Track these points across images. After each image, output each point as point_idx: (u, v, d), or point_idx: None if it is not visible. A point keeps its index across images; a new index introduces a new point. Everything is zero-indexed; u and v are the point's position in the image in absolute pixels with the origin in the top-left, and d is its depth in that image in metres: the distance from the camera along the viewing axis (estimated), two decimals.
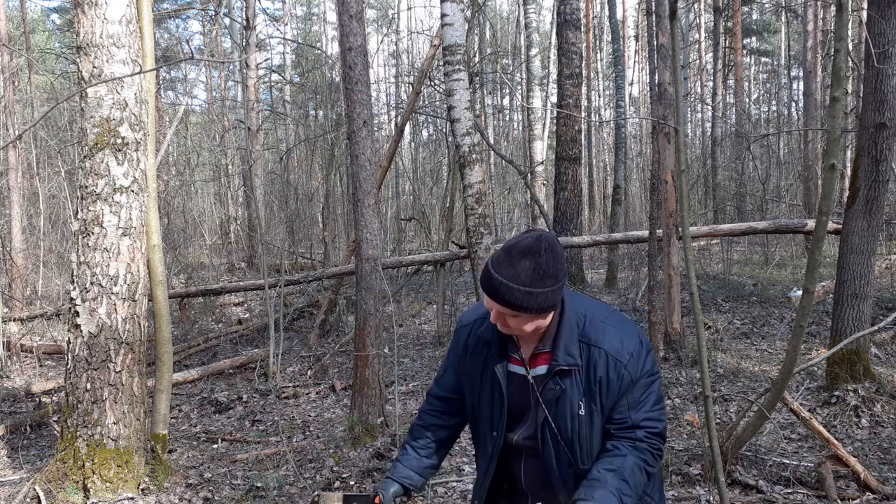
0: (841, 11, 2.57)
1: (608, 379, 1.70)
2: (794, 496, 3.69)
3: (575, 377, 1.71)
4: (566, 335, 1.72)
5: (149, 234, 4.30)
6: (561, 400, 1.72)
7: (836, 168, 2.73)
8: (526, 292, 1.60)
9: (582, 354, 1.71)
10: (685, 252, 2.79)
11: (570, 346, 1.71)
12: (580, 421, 1.71)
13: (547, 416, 1.73)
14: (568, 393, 1.71)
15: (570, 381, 1.71)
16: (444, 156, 16.49)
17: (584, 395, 1.71)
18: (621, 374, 1.70)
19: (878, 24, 4.70)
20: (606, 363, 1.70)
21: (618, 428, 1.72)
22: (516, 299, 1.61)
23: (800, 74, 22.54)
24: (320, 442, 5.04)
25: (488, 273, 1.65)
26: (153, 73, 4.64)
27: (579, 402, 1.71)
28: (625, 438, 1.72)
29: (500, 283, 1.62)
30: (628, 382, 1.70)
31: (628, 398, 1.71)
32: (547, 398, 1.73)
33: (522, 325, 1.67)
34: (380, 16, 30.64)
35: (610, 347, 1.70)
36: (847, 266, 4.87)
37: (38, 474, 4.15)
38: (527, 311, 1.63)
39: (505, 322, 1.68)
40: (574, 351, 1.71)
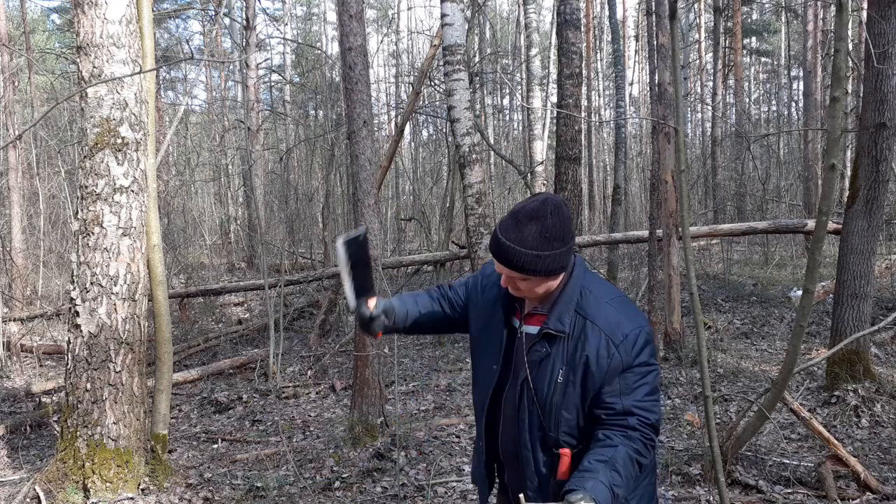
0: (841, 11, 2.57)
1: (597, 356, 1.69)
2: (794, 496, 3.69)
3: (562, 344, 1.72)
4: (563, 302, 1.74)
5: (149, 234, 4.30)
6: (544, 363, 1.73)
7: (836, 168, 2.73)
8: (534, 255, 1.64)
9: (575, 325, 1.72)
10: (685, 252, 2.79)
11: (564, 313, 1.73)
12: (555, 387, 1.72)
13: (528, 376, 1.75)
14: (552, 357, 1.73)
15: (556, 348, 1.72)
16: (444, 156, 16.49)
17: (566, 364, 1.71)
18: (611, 353, 1.68)
19: (877, 24, 4.70)
20: (598, 340, 1.69)
21: (609, 414, 1.70)
22: (525, 263, 1.65)
23: (800, 74, 22.54)
24: (320, 442, 5.04)
25: (497, 238, 1.69)
26: (153, 73, 4.64)
27: (560, 369, 1.71)
28: (616, 426, 1.69)
29: (508, 247, 1.65)
30: (618, 364, 1.68)
31: (620, 383, 1.69)
32: (531, 359, 1.76)
33: (532, 287, 1.71)
34: (380, 16, 30.64)
35: (604, 325, 1.70)
36: (847, 266, 4.87)
37: (38, 474, 4.15)
38: (535, 274, 1.67)
39: (515, 285, 1.73)
40: (566, 319, 1.72)
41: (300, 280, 9.21)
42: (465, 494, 4.04)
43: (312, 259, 12.92)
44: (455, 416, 5.38)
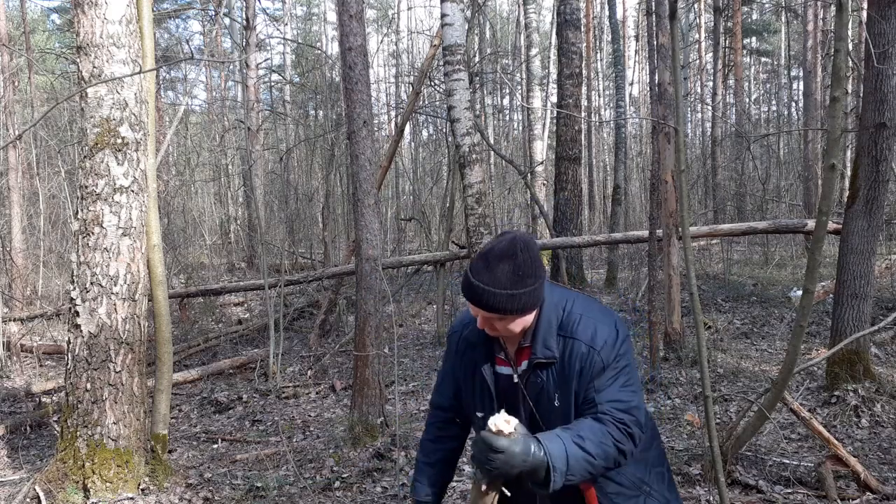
0: (841, 11, 2.57)
1: (582, 367, 1.72)
2: (794, 496, 3.69)
3: (553, 370, 1.75)
4: (544, 329, 1.75)
5: (149, 234, 4.30)
6: (542, 392, 1.76)
7: (836, 168, 2.73)
8: (508, 295, 1.64)
9: (560, 347, 1.74)
10: (685, 252, 2.79)
11: (549, 339, 1.74)
12: (556, 413, 1.75)
13: (533, 410, 1.77)
14: (546, 385, 1.75)
15: (548, 374, 1.75)
16: (444, 156, 16.49)
17: (559, 388, 1.74)
18: (594, 360, 1.72)
19: (877, 24, 4.70)
20: (581, 354, 1.72)
21: (588, 407, 1.74)
22: (499, 303, 1.65)
23: (800, 74, 22.55)
24: (320, 442, 5.04)
25: (469, 282, 1.68)
26: (153, 73, 4.64)
27: (555, 394, 1.74)
28: (588, 413, 1.73)
29: (482, 289, 1.65)
30: (599, 368, 1.72)
31: (596, 382, 1.72)
32: (531, 392, 1.77)
33: (509, 325, 1.71)
34: (380, 16, 30.65)
35: (585, 338, 1.73)
36: (847, 266, 4.87)
37: (38, 474, 4.15)
38: (511, 314, 1.67)
39: (492, 326, 1.72)
40: (552, 344, 1.74)
41: (300, 280, 9.21)
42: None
43: (312, 259, 12.91)
44: None
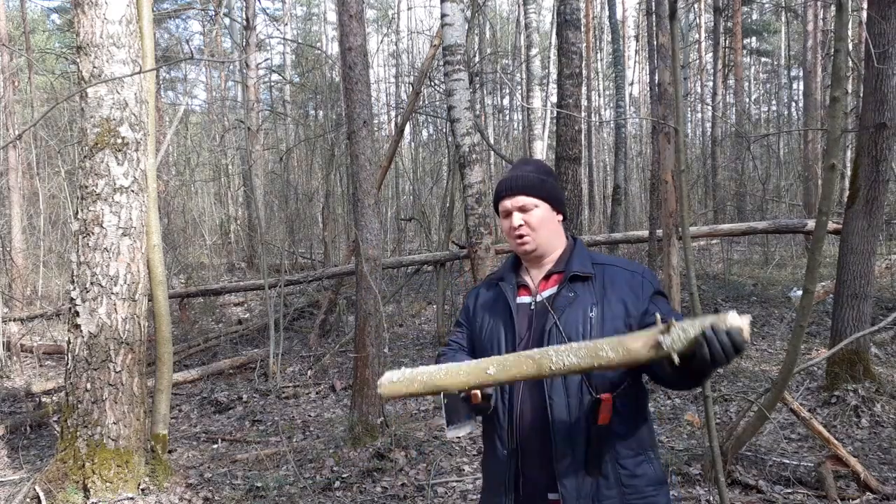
0: (841, 11, 2.57)
1: (630, 285, 1.80)
2: (794, 496, 3.69)
3: (590, 285, 1.81)
4: (579, 256, 1.87)
5: (149, 234, 4.30)
6: (574, 306, 1.78)
7: (836, 168, 2.73)
8: (538, 178, 1.88)
9: (597, 271, 1.84)
10: (685, 252, 2.79)
11: (585, 262, 1.86)
12: (591, 324, 1.75)
13: (556, 322, 1.77)
14: (581, 299, 1.79)
15: (584, 289, 1.81)
16: (444, 156, 16.49)
17: (599, 301, 1.78)
18: (640, 281, 1.81)
19: (877, 24, 4.70)
20: (624, 274, 1.83)
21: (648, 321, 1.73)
22: (532, 182, 1.86)
23: (800, 74, 22.54)
24: (320, 442, 5.04)
25: (502, 180, 1.91)
26: (153, 73, 4.64)
27: (591, 307, 1.77)
28: None
29: (516, 176, 1.89)
30: (649, 289, 1.80)
31: (659, 307, 1.76)
32: (557, 306, 1.79)
33: (542, 218, 1.86)
34: (380, 16, 30.64)
35: (623, 264, 1.88)
36: (847, 266, 4.87)
37: (38, 474, 4.15)
38: (542, 196, 1.86)
39: (527, 220, 1.85)
40: (588, 265, 1.85)
41: (300, 280, 9.21)
42: (465, 494, 4.04)
43: (312, 259, 12.91)
44: None
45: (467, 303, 2.04)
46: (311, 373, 7.08)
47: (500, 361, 1.60)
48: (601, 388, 1.73)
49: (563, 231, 1.94)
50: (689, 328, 1.46)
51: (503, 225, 1.92)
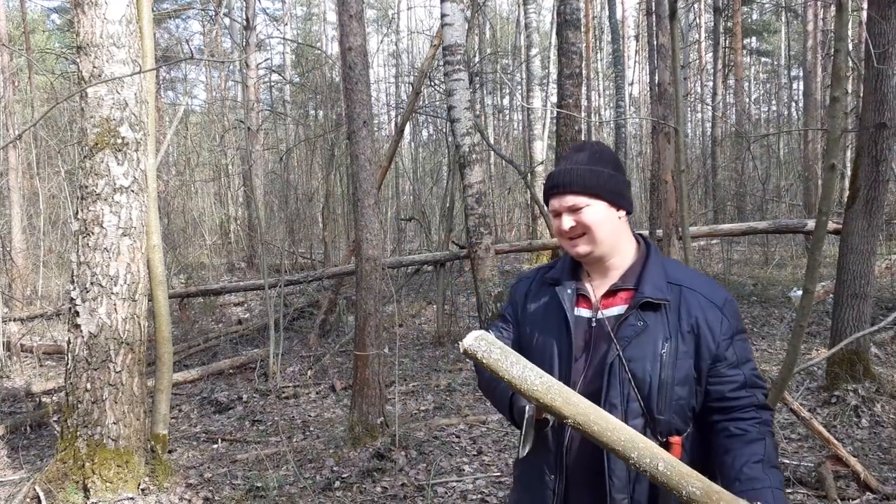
0: (841, 11, 2.57)
1: (707, 320, 1.56)
2: (794, 496, 3.69)
3: (663, 314, 1.57)
4: (653, 272, 1.61)
5: (149, 234, 4.30)
6: (642, 338, 1.56)
7: (836, 168, 2.73)
8: (589, 170, 1.61)
9: (672, 293, 1.59)
10: (685, 252, 2.79)
11: (659, 282, 1.60)
12: (662, 363, 1.54)
13: (620, 355, 1.55)
14: (651, 330, 1.56)
15: (656, 318, 1.57)
16: (444, 156, 16.49)
17: (671, 336, 1.55)
18: (720, 317, 1.57)
19: (878, 24, 4.70)
20: (701, 304, 1.58)
21: (733, 388, 1.57)
22: (581, 177, 1.60)
23: (800, 74, 22.54)
24: (320, 442, 5.04)
25: (551, 175, 1.66)
26: (153, 73, 4.64)
27: (664, 342, 1.55)
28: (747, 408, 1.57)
29: (564, 170, 1.63)
30: (728, 329, 1.57)
31: (735, 351, 1.58)
32: (623, 335, 1.56)
33: (598, 219, 1.60)
34: (380, 16, 30.65)
35: (704, 290, 1.61)
36: (847, 266, 4.87)
37: (38, 474, 4.15)
38: (596, 193, 1.60)
39: (580, 222, 1.60)
40: (663, 287, 1.59)
41: (300, 280, 9.21)
42: (465, 494, 4.04)
43: (312, 259, 12.91)
44: (455, 417, 5.38)
45: (514, 297, 1.80)
46: (311, 373, 7.08)
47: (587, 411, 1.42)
48: (665, 433, 1.57)
49: (633, 234, 1.69)
50: None
51: (554, 225, 1.67)
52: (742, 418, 1.57)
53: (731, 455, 1.53)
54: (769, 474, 1.50)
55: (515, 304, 1.78)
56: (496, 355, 1.47)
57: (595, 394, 1.56)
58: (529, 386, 1.45)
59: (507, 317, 1.80)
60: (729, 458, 1.54)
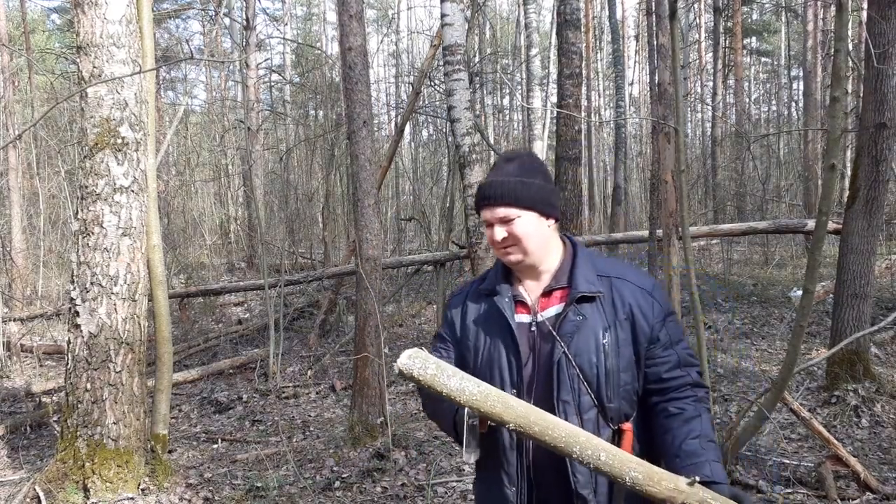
0: (841, 11, 2.57)
1: (640, 305, 1.64)
2: (794, 496, 3.69)
3: (598, 305, 1.63)
4: (583, 268, 1.68)
5: (149, 234, 4.30)
6: (583, 332, 1.61)
7: (836, 168, 2.73)
8: (520, 182, 1.64)
9: (604, 285, 1.66)
10: (685, 252, 2.80)
11: (590, 276, 1.66)
12: (605, 352, 1.60)
13: (565, 351, 1.60)
14: (591, 322, 1.62)
15: (593, 310, 1.63)
16: (444, 156, 16.49)
17: (611, 325, 1.62)
18: (650, 301, 1.65)
19: (877, 24, 4.70)
20: (632, 291, 1.65)
21: (669, 369, 1.65)
22: (513, 190, 1.64)
23: (800, 74, 22.54)
24: (320, 442, 5.04)
25: (482, 186, 1.69)
26: (153, 73, 4.64)
27: (604, 333, 1.61)
28: (682, 387, 1.64)
29: (495, 182, 1.66)
30: (659, 311, 1.65)
31: (667, 332, 1.65)
32: (565, 332, 1.61)
33: (528, 230, 1.64)
34: (380, 16, 30.65)
35: (632, 278, 1.68)
36: (847, 266, 4.87)
37: (38, 474, 4.15)
38: (526, 205, 1.64)
39: (512, 234, 1.64)
40: (595, 281, 1.66)
41: (300, 280, 9.21)
42: (465, 494, 4.04)
43: (312, 259, 12.91)
44: None
45: (450, 316, 1.80)
46: (311, 373, 7.08)
47: (527, 413, 1.46)
48: (616, 421, 1.63)
49: (559, 236, 1.75)
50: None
51: (487, 234, 1.71)
52: (678, 397, 1.64)
53: (671, 434, 1.61)
54: (706, 448, 1.57)
55: (452, 322, 1.79)
56: (432, 370, 1.49)
57: (547, 393, 1.62)
58: (469, 397, 1.48)
59: (445, 336, 1.81)
60: (669, 437, 1.61)
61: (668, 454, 1.59)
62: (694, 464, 1.54)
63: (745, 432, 3.87)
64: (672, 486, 1.42)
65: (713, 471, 1.53)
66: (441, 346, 1.80)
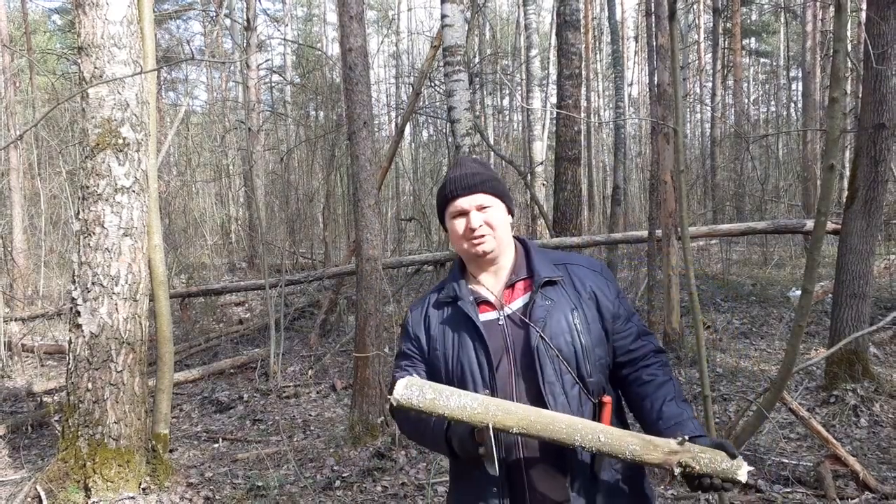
0: (839, 12, 2.59)
1: (598, 286, 1.74)
2: (793, 495, 3.70)
3: (561, 289, 1.71)
4: (539, 259, 1.77)
5: (150, 235, 4.31)
6: (553, 314, 1.67)
7: (835, 168, 2.74)
8: (491, 175, 1.76)
9: (562, 272, 1.75)
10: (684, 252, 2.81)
11: (548, 264, 1.76)
12: (578, 331, 1.67)
13: (541, 335, 1.64)
14: (559, 305, 1.68)
15: (558, 294, 1.70)
16: (444, 156, 16.50)
17: (576, 306, 1.69)
18: (605, 282, 1.76)
19: (876, 24, 4.71)
20: (588, 275, 1.76)
21: (632, 339, 1.75)
22: (489, 179, 1.74)
23: (799, 75, 22.55)
24: (321, 441, 5.06)
25: (451, 178, 1.75)
26: (154, 74, 4.66)
27: (572, 312, 1.68)
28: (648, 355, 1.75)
29: (469, 173, 1.74)
30: (614, 290, 1.76)
31: (623, 308, 1.76)
32: (537, 317, 1.66)
33: (500, 217, 1.74)
34: (380, 17, 30.66)
35: (583, 262, 1.80)
36: (846, 266, 4.89)
37: (40, 474, 4.17)
38: (499, 195, 1.75)
39: (487, 219, 1.72)
40: (552, 268, 1.75)
41: (301, 280, 9.22)
42: None
43: (313, 259, 12.92)
44: None
45: (411, 331, 1.80)
46: (311, 372, 7.10)
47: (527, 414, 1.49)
48: (597, 394, 1.69)
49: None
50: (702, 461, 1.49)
51: (454, 228, 1.74)
52: (647, 365, 1.75)
53: (649, 400, 1.69)
54: (683, 408, 1.67)
55: (416, 336, 1.79)
56: (430, 395, 1.51)
57: (532, 380, 1.65)
58: (471, 412, 1.49)
59: (409, 352, 1.80)
60: (647, 403, 1.69)
61: (649, 419, 1.68)
62: (677, 423, 1.62)
63: (744, 432, 3.88)
64: (666, 449, 1.50)
65: (695, 426, 1.63)
66: (407, 365, 1.79)
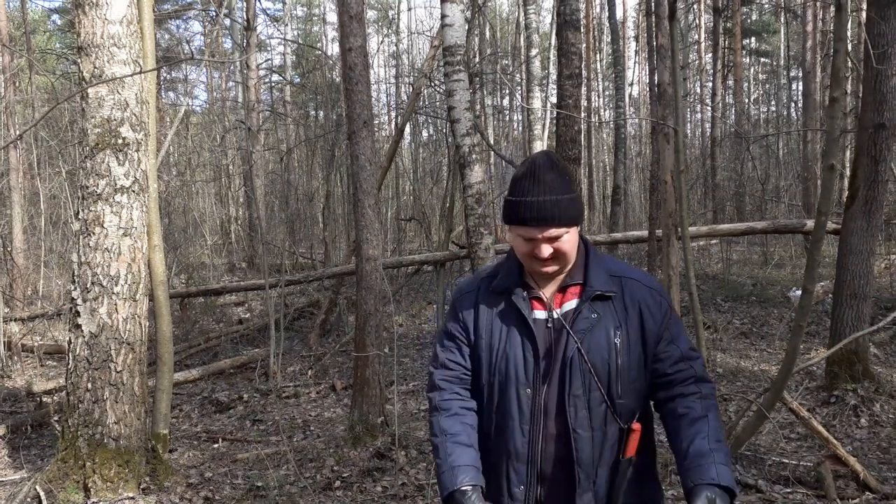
0: (840, 12, 2.58)
1: (648, 306, 1.66)
2: (793, 496, 3.69)
3: (611, 304, 1.65)
4: (596, 267, 1.68)
5: (150, 235, 4.31)
6: (596, 329, 1.62)
7: (836, 168, 2.74)
8: (570, 199, 1.60)
9: (615, 285, 1.67)
10: (684, 252, 2.81)
11: (604, 275, 1.67)
12: (617, 350, 1.62)
13: (578, 347, 1.60)
14: (604, 321, 1.63)
15: (606, 309, 1.64)
16: (444, 156, 16.50)
17: (622, 324, 1.63)
18: (657, 300, 1.67)
19: (877, 24, 4.71)
20: (640, 290, 1.67)
21: (672, 363, 1.66)
22: (565, 210, 1.58)
23: (799, 75, 22.53)
24: (321, 441, 5.05)
25: (525, 203, 1.58)
26: (154, 74, 4.65)
27: (615, 331, 1.62)
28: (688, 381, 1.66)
29: (546, 201, 1.57)
30: (665, 311, 1.67)
31: (670, 330, 1.67)
32: (579, 328, 1.62)
33: (572, 241, 1.63)
34: (380, 16, 30.64)
35: (639, 277, 1.70)
36: (846, 266, 4.88)
37: (39, 474, 4.16)
38: (574, 221, 1.61)
39: (558, 249, 1.60)
40: (608, 280, 1.67)
41: (301, 280, 9.22)
42: None
43: (313, 259, 12.92)
44: None
45: (460, 314, 1.75)
46: (311, 372, 7.09)
47: None
48: (626, 418, 1.65)
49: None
50: None
51: (521, 246, 1.64)
52: (684, 394, 1.65)
53: (679, 436, 1.62)
54: (714, 449, 1.56)
55: (464, 319, 1.75)
56: None
57: (559, 389, 1.63)
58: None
59: (456, 334, 1.76)
60: (678, 440, 1.63)
61: (678, 456, 1.61)
62: (700, 465, 1.54)
63: (744, 432, 3.88)
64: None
65: (719, 473, 1.52)
66: (451, 345, 1.76)
